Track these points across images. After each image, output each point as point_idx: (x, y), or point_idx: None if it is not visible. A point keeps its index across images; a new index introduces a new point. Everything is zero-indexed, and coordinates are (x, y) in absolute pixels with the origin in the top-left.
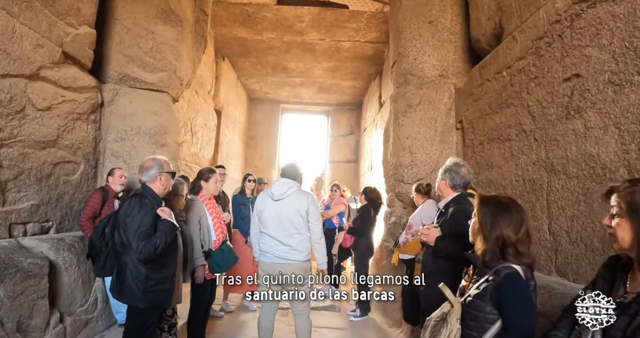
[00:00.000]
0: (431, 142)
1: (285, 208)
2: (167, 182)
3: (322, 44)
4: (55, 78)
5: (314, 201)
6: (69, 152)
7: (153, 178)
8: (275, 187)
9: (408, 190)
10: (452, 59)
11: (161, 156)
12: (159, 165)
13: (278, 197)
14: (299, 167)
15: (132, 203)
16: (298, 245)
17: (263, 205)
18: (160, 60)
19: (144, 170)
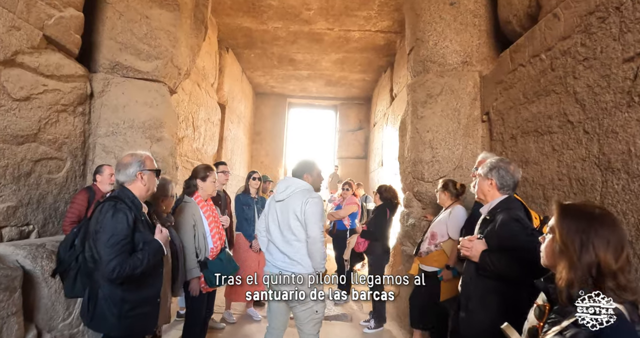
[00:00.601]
0: (454, 135)
1: (284, 211)
2: (150, 182)
3: (331, 33)
4: (34, 65)
5: (313, 201)
6: (52, 147)
7: (132, 178)
8: (278, 186)
9: (429, 189)
10: (476, 44)
11: (143, 151)
12: (139, 162)
13: (279, 197)
14: (309, 162)
15: (104, 209)
16: (295, 255)
17: (268, 207)
18: (155, 47)
19: (122, 168)
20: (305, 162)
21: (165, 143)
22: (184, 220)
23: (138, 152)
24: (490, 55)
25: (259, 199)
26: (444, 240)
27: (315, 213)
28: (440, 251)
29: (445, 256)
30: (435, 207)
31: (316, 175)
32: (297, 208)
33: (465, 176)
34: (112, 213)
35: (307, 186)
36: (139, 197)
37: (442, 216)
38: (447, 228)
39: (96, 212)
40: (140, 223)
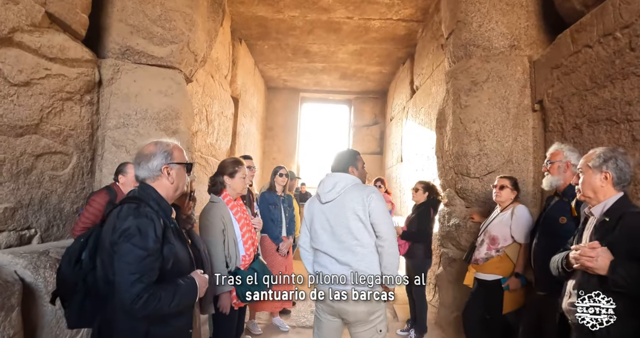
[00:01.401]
0: (503, 126)
1: (337, 212)
2: (179, 178)
3: (350, 23)
4: (36, 45)
5: (377, 196)
6: (56, 140)
7: (157, 173)
8: (322, 184)
9: (475, 185)
10: (524, 26)
11: (169, 139)
12: (165, 153)
13: (326, 198)
14: (352, 153)
15: (122, 213)
16: (360, 263)
17: (311, 212)
18: (170, 30)
19: (143, 161)
20: (348, 153)
21: (181, 136)
22: (211, 224)
23: (163, 140)
24: (540, 38)
25: (286, 197)
26: (507, 245)
27: (384, 210)
28: (503, 257)
29: (509, 262)
30: (482, 206)
31: (361, 167)
32: (358, 206)
33: (516, 171)
34: (135, 220)
35: (357, 180)
36: (166, 197)
37: (503, 217)
38: (511, 231)
39: (112, 217)
40: (170, 233)
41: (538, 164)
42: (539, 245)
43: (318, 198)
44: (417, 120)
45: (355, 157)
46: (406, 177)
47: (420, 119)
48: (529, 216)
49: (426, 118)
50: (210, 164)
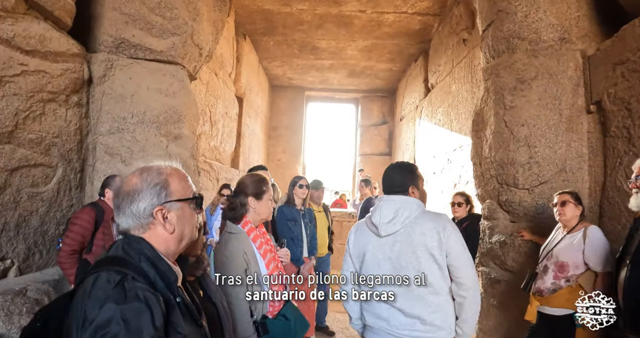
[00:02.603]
0: (555, 130)
1: (403, 250)
2: (184, 223)
3: (362, 16)
4: (8, 35)
5: (454, 229)
6: (36, 150)
7: (147, 219)
8: (378, 212)
9: (523, 198)
10: (574, 17)
11: (162, 162)
12: (157, 187)
13: (387, 230)
14: (410, 168)
15: (96, 294)
16: (434, 317)
17: (363, 245)
18: (171, 19)
19: (124, 202)
20: (407, 169)
21: (184, 141)
22: (230, 263)
23: (153, 164)
24: (592, 30)
25: (307, 212)
26: (579, 273)
27: (465, 247)
28: (575, 287)
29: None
30: (531, 221)
31: (422, 186)
32: (432, 242)
33: (570, 182)
34: (118, 306)
35: (422, 205)
36: (166, 254)
37: (573, 241)
38: (585, 257)
39: (81, 295)
40: (178, 314)
41: (595, 173)
42: (632, 279)
43: (373, 229)
44: (433, 121)
45: (415, 173)
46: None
47: (438, 119)
48: (604, 239)
49: (445, 118)
50: (214, 168)
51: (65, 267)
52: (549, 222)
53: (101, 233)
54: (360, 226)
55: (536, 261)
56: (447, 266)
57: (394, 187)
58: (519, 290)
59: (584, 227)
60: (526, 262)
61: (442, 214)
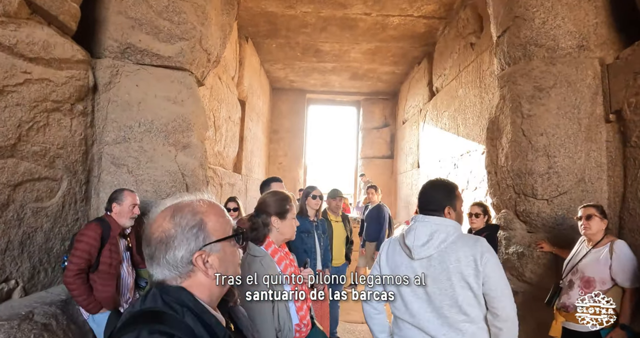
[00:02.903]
0: (574, 140)
1: (437, 276)
2: (227, 263)
3: (367, 19)
4: (10, 41)
5: (492, 255)
6: (40, 163)
7: (187, 268)
8: (413, 234)
9: (542, 208)
10: (592, 24)
11: (192, 195)
12: (194, 229)
13: (420, 253)
14: (448, 186)
15: None
16: None
17: (395, 266)
18: (180, 24)
19: (158, 252)
20: (445, 188)
21: (193, 150)
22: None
23: (184, 201)
24: (611, 38)
25: (320, 223)
26: (606, 289)
27: (502, 277)
28: None
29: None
30: (549, 232)
31: (460, 207)
32: (468, 269)
33: (589, 192)
34: None
35: (459, 228)
36: (210, 301)
37: (599, 255)
38: (612, 273)
39: None
40: None
41: (614, 184)
42: None
43: (406, 251)
44: (439, 125)
45: (454, 192)
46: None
47: (444, 123)
48: (632, 254)
49: (451, 122)
50: (218, 174)
51: (72, 288)
52: (568, 233)
53: (108, 251)
54: (393, 245)
55: (555, 273)
56: (483, 295)
57: (429, 205)
58: (537, 302)
59: (610, 242)
60: (545, 273)
61: (479, 239)
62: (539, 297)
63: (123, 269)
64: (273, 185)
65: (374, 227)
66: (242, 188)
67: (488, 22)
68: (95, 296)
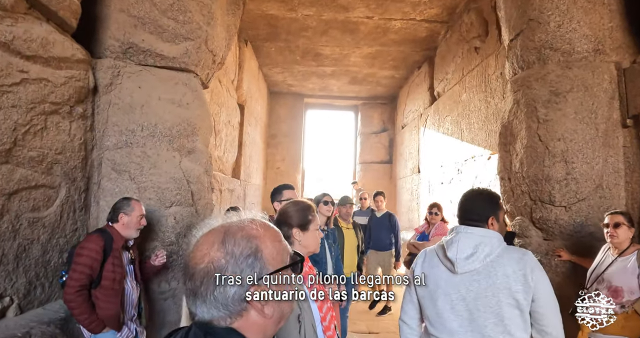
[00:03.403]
0: (592, 145)
1: (482, 291)
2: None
3: (369, 23)
4: (6, 37)
5: (540, 269)
6: (37, 169)
7: (241, 306)
8: (455, 246)
9: (560, 215)
10: (608, 28)
11: (250, 211)
12: (249, 259)
13: (464, 267)
14: (490, 197)
15: None
16: None
17: (434, 282)
18: (185, 23)
19: (204, 288)
20: (488, 197)
21: (198, 156)
22: None
23: (232, 222)
24: (626, 42)
25: (330, 232)
26: (634, 299)
27: (552, 293)
28: (631, 314)
29: (638, 321)
30: (568, 240)
31: (502, 216)
32: (517, 285)
33: (607, 198)
34: None
35: (502, 240)
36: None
37: (626, 264)
38: None
39: None
40: None
41: (632, 190)
42: None
43: (447, 264)
44: (441, 129)
45: (498, 203)
46: (426, 189)
47: (446, 128)
48: None
49: (455, 127)
50: (217, 180)
51: (73, 306)
52: (587, 241)
53: (110, 264)
54: (430, 257)
55: (574, 282)
56: (531, 312)
57: (472, 216)
58: None
59: (637, 250)
60: (563, 282)
61: (526, 252)
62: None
63: (127, 284)
64: (285, 192)
65: (384, 235)
66: (240, 194)
67: (493, 26)
68: (98, 314)
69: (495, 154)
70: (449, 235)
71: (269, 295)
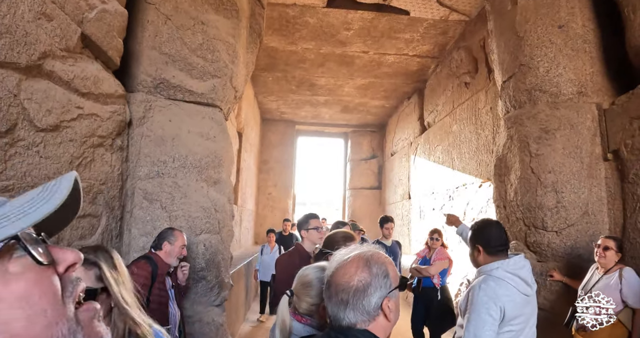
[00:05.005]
0: (578, 176)
1: (533, 310)
2: (399, 307)
3: (364, 57)
4: (68, 76)
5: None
6: (85, 199)
7: (376, 312)
8: (527, 270)
9: (552, 239)
10: (589, 73)
11: (367, 245)
12: (384, 278)
13: (529, 289)
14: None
15: None
16: None
17: (515, 306)
18: (213, 61)
19: (354, 297)
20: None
21: (223, 186)
22: None
23: (366, 252)
24: (605, 85)
25: None
26: (618, 310)
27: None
28: (615, 323)
29: (622, 329)
30: (559, 261)
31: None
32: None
33: (592, 223)
34: None
35: None
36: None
37: (610, 281)
38: (623, 295)
39: None
40: None
41: (614, 216)
42: None
43: (522, 288)
44: (431, 158)
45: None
46: (417, 215)
47: (437, 157)
48: (639, 279)
49: (446, 156)
50: None
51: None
52: (577, 262)
53: (157, 289)
54: (500, 283)
55: (567, 299)
56: None
57: (505, 242)
58: (550, 327)
59: (619, 268)
60: (557, 299)
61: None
62: (554, 322)
63: (170, 307)
64: (312, 221)
65: None
66: (237, 219)
67: (483, 64)
68: None
69: (486, 182)
70: None
71: (390, 304)
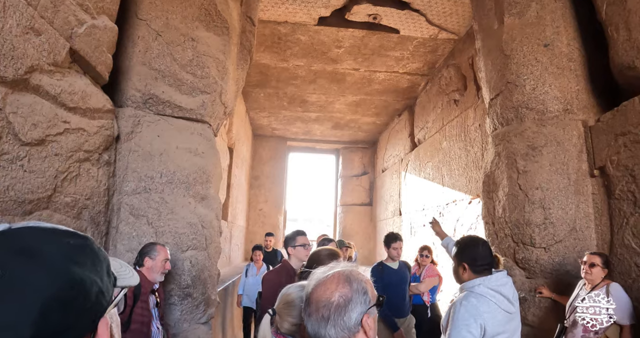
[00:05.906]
0: (565, 193)
1: (517, 325)
2: (376, 324)
3: (355, 74)
4: (55, 91)
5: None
6: (69, 214)
7: (357, 329)
8: (510, 287)
9: (540, 256)
10: (575, 91)
11: (344, 263)
12: (364, 294)
13: (511, 308)
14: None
15: None
16: None
17: (496, 323)
18: (202, 77)
19: (335, 314)
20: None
21: (211, 202)
22: None
23: (345, 269)
24: (591, 102)
25: None
26: (605, 326)
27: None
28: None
29: None
30: (548, 277)
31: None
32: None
33: (580, 239)
34: None
35: None
36: None
37: (597, 297)
38: (609, 311)
39: None
40: None
41: (601, 232)
42: None
43: (504, 305)
44: (422, 175)
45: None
46: (408, 231)
47: (428, 173)
48: (626, 295)
49: (436, 173)
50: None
51: None
52: (565, 278)
53: (139, 308)
54: (481, 300)
55: (556, 315)
56: None
57: (491, 261)
58: None
59: (606, 284)
60: (546, 316)
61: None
62: (544, 336)
63: (153, 326)
64: (298, 238)
65: (403, 294)
66: (227, 235)
67: (471, 82)
68: None
69: (475, 198)
70: None
71: (369, 321)
